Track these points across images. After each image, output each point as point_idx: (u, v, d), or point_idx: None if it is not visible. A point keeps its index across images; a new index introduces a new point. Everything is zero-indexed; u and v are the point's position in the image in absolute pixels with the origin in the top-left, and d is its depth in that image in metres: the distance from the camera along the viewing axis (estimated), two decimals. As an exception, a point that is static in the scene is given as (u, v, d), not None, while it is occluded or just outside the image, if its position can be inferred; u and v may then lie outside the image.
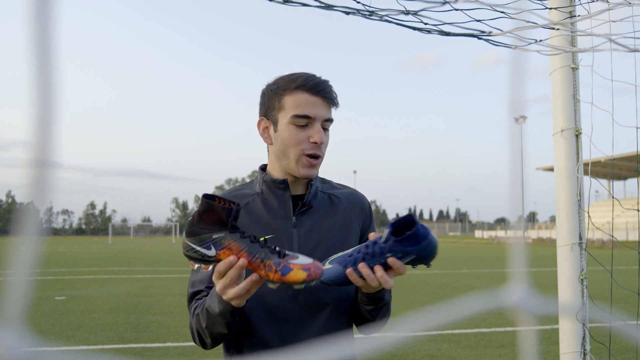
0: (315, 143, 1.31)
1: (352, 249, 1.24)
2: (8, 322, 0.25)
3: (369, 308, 1.31)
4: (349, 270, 1.18)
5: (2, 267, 13.51)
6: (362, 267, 1.17)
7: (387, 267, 1.18)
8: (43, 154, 0.25)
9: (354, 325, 1.45)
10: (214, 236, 1.07)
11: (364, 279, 1.18)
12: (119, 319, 7.28)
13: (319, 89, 1.31)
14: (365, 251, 1.20)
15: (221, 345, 1.38)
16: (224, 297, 1.13)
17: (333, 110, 1.37)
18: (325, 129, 1.35)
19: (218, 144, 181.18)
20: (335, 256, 1.24)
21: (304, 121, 1.30)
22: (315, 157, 1.33)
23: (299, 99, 1.31)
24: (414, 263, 1.20)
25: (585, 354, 1.82)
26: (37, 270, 13.52)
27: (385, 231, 1.20)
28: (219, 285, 1.12)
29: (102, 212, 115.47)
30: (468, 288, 11.01)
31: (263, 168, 1.45)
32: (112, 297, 9.43)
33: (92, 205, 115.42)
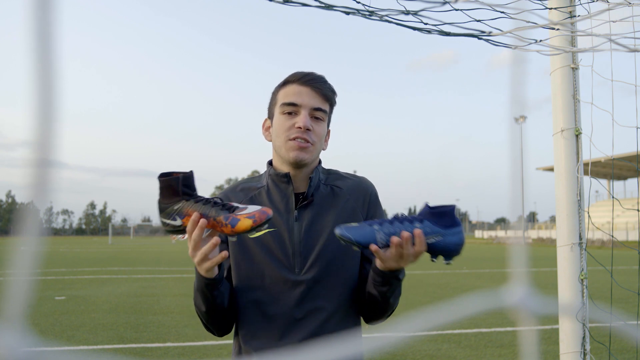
0: (300, 128, 1.34)
1: (370, 220, 1.22)
2: (9, 322, 0.25)
3: (384, 289, 1.28)
4: (377, 230, 1.16)
5: (2, 267, 13.50)
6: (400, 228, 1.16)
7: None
8: (44, 153, 0.25)
9: (361, 325, 1.44)
10: (175, 207, 1.18)
11: (387, 246, 1.16)
12: (119, 319, 7.28)
13: (307, 79, 1.36)
14: (390, 220, 1.18)
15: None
16: (195, 262, 1.20)
17: (328, 105, 1.40)
18: (318, 119, 1.37)
19: (219, 145, 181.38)
20: (351, 224, 1.21)
21: (290, 108, 1.36)
22: (304, 141, 1.35)
23: (288, 90, 1.38)
24: (436, 250, 1.16)
25: (585, 354, 1.82)
26: (37, 270, 13.50)
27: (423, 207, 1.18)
28: (192, 254, 1.19)
29: (102, 212, 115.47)
30: (468, 288, 11.01)
31: (270, 162, 1.48)
32: (112, 297, 9.43)
33: (92, 205, 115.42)
